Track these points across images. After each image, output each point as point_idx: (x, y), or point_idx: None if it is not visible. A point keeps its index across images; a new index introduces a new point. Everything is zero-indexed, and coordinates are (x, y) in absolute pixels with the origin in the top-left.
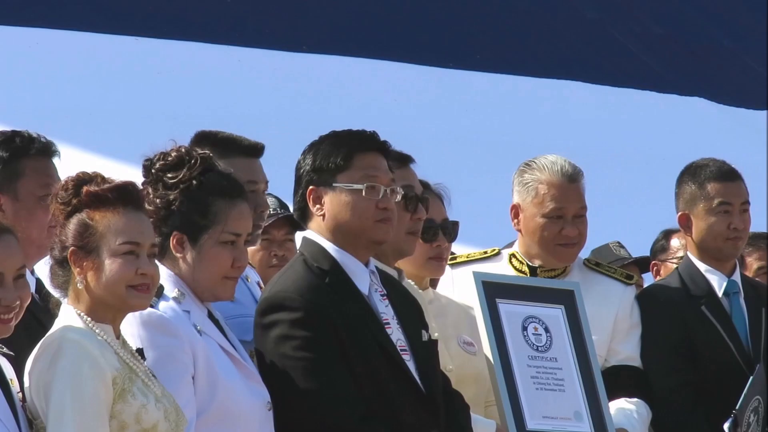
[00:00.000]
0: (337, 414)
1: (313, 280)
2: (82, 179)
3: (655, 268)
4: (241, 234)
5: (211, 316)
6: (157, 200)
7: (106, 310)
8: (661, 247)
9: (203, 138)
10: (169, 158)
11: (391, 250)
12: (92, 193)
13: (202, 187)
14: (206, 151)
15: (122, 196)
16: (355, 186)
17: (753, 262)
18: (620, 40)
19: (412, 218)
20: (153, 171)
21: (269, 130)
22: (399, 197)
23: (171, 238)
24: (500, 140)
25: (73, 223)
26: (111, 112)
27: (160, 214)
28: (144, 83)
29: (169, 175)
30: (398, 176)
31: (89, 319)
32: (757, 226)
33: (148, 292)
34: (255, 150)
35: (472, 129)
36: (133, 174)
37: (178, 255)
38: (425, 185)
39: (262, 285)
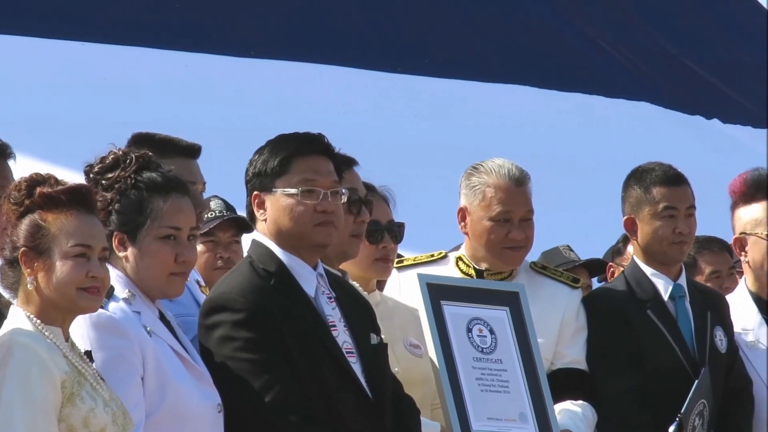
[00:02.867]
0: (279, 415)
1: (258, 281)
2: (36, 180)
3: (611, 270)
4: (181, 228)
5: (162, 317)
6: (98, 203)
7: (55, 312)
8: (617, 250)
9: (140, 140)
10: (107, 161)
11: (335, 252)
12: (45, 194)
13: (136, 185)
14: (146, 151)
15: (75, 198)
16: (291, 190)
17: (706, 267)
18: (569, 44)
19: (355, 221)
20: (92, 175)
21: (217, 135)
22: (344, 198)
23: (113, 238)
24: (447, 144)
25: (25, 224)
26: (55, 117)
27: (100, 217)
28: (90, 89)
29: (107, 176)
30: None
31: (38, 321)
32: (706, 229)
33: (98, 294)
34: (192, 151)
35: (420, 133)
36: (77, 180)
37: (121, 254)
38: (371, 187)
39: (203, 283)
